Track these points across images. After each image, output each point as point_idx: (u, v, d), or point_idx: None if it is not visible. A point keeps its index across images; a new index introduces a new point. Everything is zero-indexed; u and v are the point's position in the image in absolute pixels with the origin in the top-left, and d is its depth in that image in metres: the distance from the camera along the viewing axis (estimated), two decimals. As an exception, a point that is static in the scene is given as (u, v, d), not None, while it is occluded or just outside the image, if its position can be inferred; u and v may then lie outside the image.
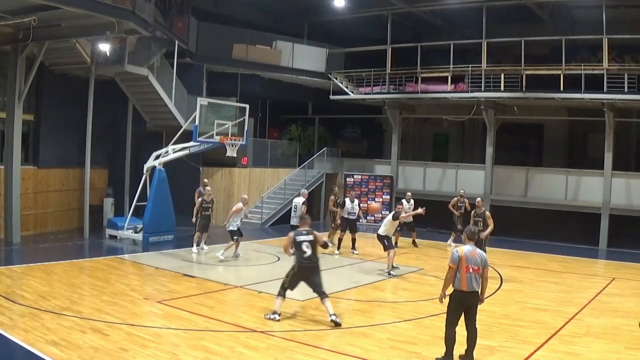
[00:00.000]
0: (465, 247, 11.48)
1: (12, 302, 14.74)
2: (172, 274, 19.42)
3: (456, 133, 39.11)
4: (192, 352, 11.67)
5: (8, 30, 23.29)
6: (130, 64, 26.54)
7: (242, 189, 31.94)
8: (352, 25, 35.47)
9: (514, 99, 30.64)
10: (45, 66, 26.53)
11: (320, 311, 15.07)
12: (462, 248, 11.45)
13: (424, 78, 33.06)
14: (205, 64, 32.97)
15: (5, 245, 23.69)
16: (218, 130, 24.67)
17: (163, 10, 27.30)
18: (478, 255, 11.43)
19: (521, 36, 29.91)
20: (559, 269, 23.10)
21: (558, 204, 30.11)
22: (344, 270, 21.67)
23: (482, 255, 11.52)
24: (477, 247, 11.73)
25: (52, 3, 19.45)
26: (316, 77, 36.34)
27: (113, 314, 14.15)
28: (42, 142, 27.27)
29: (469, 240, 11.59)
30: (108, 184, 30.88)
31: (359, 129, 43.08)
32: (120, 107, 30.21)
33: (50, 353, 11.18)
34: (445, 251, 25.25)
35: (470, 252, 11.37)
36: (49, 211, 27.63)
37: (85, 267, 20.48)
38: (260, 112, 37.94)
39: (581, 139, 34.81)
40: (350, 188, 34.38)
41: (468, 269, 11.22)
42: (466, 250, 11.37)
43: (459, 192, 27.54)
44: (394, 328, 13.84)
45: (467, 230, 11.81)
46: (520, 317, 15.14)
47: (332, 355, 11.85)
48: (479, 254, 11.46)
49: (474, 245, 11.60)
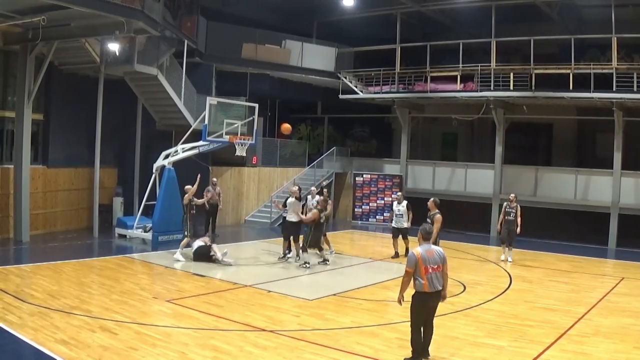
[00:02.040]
0: (421, 247, 11.34)
1: (22, 301, 14.77)
2: (182, 273, 19.47)
3: (465, 132, 39.10)
4: (201, 351, 11.68)
5: (17, 30, 23.34)
6: (140, 64, 26.56)
7: (252, 188, 31.97)
8: (361, 24, 35.42)
9: (523, 98, 30.59)
10: (55, 66, 26.56)
11: (329, 310, 15.11)
12: (418, 249, 11.31)
13: (433, 77, 33.04)
14: (214, 63, 33.01)
15: (14, 244, 23.75)
16: (227, 130, 24.68)
17: (172, 10, 27.30)
18: (435, 253, 11.37)
19: (530, 35, 29.85)
20: (568, 268, 23.06)
21: (567, 203, 30.03)
22: (353, 270, 21.65)
23: (440, 252, 11.46)
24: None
25: (61, 3, 19.47)
26: (325, 77, 36.34)
27: (122, 313, 14.17)
28: (51, 141, 27.31)
29: (424, 240, 11.45)
30: (117, 183, 30.93)
31: (368, 128, 43.10)
32: (130, 107, 30.22)
33: (59, 352, 11.19)
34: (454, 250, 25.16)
35: (427, 251, 11.26)
36: (58, 210, 27.68)
37: (95, 266, 20.52)
38: (270, 111, 37.90)
39: (590, 139, 34.72)
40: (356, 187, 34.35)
41: (427, 270, 11.10)
42: (422, 251, 11.24)
43: (509, 196, 24.48)
44: (403, 327, 13.76)
45: (422, 229, 11.57)
46: (529, 317, 15.12)
47: (341, 355, 11.83)
48: (437, 252, 11.42)
49: (429, 244, 11.50)
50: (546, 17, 31.43)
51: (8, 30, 23.62)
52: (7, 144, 25.54)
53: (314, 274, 20.27)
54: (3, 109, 25.39)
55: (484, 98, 31.29)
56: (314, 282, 19.49)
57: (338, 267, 21.73)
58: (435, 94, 33.04)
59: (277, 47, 35.09)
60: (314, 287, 18.72)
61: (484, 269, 21.93)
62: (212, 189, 26.33)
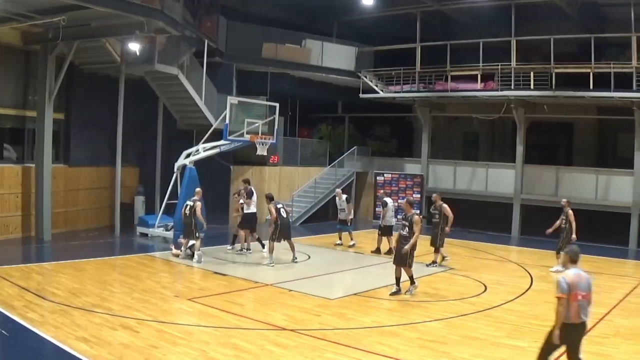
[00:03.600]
0: (570, 271, 10.20)
1: (43, 299, 14.88)
2: (203, 272, 19.53)
3: (486, 132, 39.00)
4: (222, 350, 11.71)
5: (38, 29, 23.52)
6: (160, 63, 26.65)
7: (273, 188, 31.93)
8: (381, 23, 35.34)
9: (543, 98, 30.42)
10: (75, 65, 26.71)
11: (350, 310, 15.11)
12: (569, 273, 10.14)
13: (454, 76, 32.95)
14: (235, 63, 33.07)
15: (36, 242, 23.93)
16: (248, 129, 24.71)
17: (192, 10, 27.37)
18: (585, 278, 10.15)
19: (550, 34, 29.70)
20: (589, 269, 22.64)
21: (588, 203, 29.85)
22: (374, 269, 21.65)
23: (588, 279, 10.25)
24: None
25: (81, 3, 19.55)
26: (346, 76, 36.34)
27: (143, 311, 14.25)
28: (72, 140, 27.51)
29: (572, 263, 10.33)
30: (139, 182, 31.05)
31: (388, 127, 42.99)
32: (151, 106, 30.29)
33: (80, 349, 11.26)
34: (475, 250, 25.11)
35: (577, 276, 10.12)
36: (80, 209, 27.84)
37: (116, 264, 20.61)
38: (290, 110, 37.97)
39: (611, 138, 34.54)
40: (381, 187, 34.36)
41: (577, 297, 9.99)
42: (573, 275, 10.10)
43: (562, 201, 23.49)
44: (424, 327, 13.80)
45: (571, 251, 10.54)
46: (550, 318, 14.85)
47: (361, 354, 11.83)
48: (586, 277, 10.19)
49: (578, 267, 10.30)
50: (566, 16, 31.28)
51: (29, 30, 23.81)
52: (29, 143, 25.70)
53: (335, 273, 20.28)
54: (24, 109, 25.56)
55: (504, 97, 31.15)
56: (335, 281, 19.53)
57: (359, 267, 21.75)
58: (455, 93, 32.97)
59: (298, 47, 35.13)
60: (335, 286, 18.75)
61: (505, 269, 21.86)
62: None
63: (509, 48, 30.69)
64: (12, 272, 17.84)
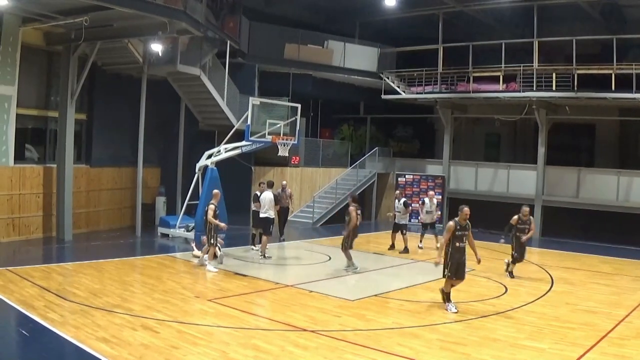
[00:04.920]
0: None
1: (64, 299, 14.95)
2: (224, 273, 19.52)
3: (508, 133, 38.83)
4: (242, 351, 11.72)
5: (60, 30, 23.68)
6: (182, 64, 26.75)
7: (294, 189, 31.95)
8: (403, 24, 35.38)
9: (565, 99, 30.31)
10: (98, 66, 26.86)
11: (370, 311, 15.10)
12: None
13: (476, 77, 32.90)
14: (257, 63, 33.19)
15: (57, 242, 24.07)
16: (270, 130, 24.69)
17: (214, 10, 27.44)
18: None
19: (572, 35, 29.58)
20: (610, 270, 22.84)
21: (609, 204, 29.72)
22: (394, 270, 21.62)
23: None
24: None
25: (103, 3, 19.67)
26: (368, 77, 36.34)
27: (164, 311, 14.28)
28: (94, 141, 27.62)
29: None
30: (160, 183, 31.15)
31: (410, 128, 42.88)
32: (173, 107, 30.39)
33: (100, 350, 11.30)
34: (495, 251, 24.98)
35: None
36: (101, 209, 27.98)
37: (137, 265, 20.72)
38: (312, 111, 37.97)
39: (633, 139, 34.31)
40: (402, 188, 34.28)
41: None
42: None
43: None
44: (444, 329, 13.77)
45: None
46: (570, 319, 15.00)
47: (381, 355, 11.80)
48: None
49: None
50: (588, 17, 31.16)
51: (51, 30, 23.99)
52: (51, 143, 25.83)
53: (355, 274, 20.24)
54: (46, 109, 25.70)
55: (526, 98, 31.05)
56: (355, 282, 19.47)
57: (380, 268, 21.72)
58: (477, 94, 32.89)
59: (320, 48, 35.16)
60: (356, 287, 18.71)
61: (525, 270, 21.76)
62: (283, 192, 26.34)
63: (531, 49, 30.62)
64: (32, 272, 17.94)
